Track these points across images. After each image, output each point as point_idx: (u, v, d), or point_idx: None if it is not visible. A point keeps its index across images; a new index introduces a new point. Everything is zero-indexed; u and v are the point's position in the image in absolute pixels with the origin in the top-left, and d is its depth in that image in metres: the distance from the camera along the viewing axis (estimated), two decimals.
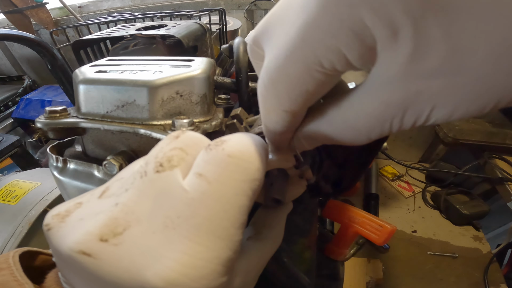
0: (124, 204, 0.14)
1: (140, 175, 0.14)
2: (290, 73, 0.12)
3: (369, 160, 0.27)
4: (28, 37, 0.64)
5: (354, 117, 0.13)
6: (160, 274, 0.12)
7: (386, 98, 0.11)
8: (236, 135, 0.16)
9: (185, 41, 0.43)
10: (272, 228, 0.20)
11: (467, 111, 0.10)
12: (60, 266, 0.15)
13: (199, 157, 0.15)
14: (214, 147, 0.14)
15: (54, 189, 0.67)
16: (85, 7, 1.41)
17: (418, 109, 0.11)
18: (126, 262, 0.12)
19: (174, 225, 0.13)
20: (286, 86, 0.13)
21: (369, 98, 0.12)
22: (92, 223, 0.13)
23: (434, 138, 1.30)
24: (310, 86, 0.12)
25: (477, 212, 1.07)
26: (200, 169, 0.14)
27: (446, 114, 0.10)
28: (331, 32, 0.10)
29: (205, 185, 0.13)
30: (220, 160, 0.14)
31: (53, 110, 0.28)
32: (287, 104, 0.14)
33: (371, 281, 0.94)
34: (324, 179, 0.28)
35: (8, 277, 0.15)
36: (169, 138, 0.16)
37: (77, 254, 0.12)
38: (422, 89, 0.10)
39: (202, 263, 0.12)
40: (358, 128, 0.13)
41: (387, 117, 0.11)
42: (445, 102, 0.10)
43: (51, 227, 0.14)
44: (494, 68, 0.09)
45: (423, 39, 0.09)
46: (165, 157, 0.14)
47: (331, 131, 0.14)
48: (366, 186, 1.23)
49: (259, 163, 0.15)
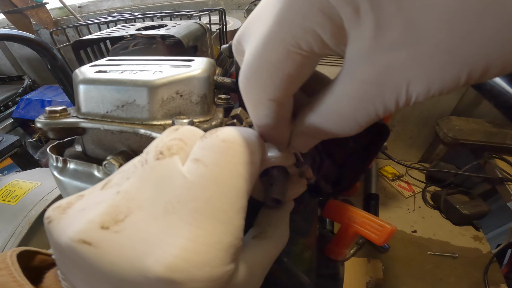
0: (126, 192, 0.14)
1: (141, 163, 0.15)
2: (270, 58, 0.13)
3: (369, 160, 0.27)
4: (28, 37, 0.64)
5: (337, 102, 0.13)
6: (162, 261, 0.11)
7: (361, 75, 0.12)
8: (228, 126, 0.16)
9: (185, 41, 0.43)
10: (277, 227, 0.20)
11: (443, 83, 0.10)
12: (59, 261, 0.15)
13: (195, 146, 0.15)
14: (208, 135, 0.15)
15: (54, 189, 0.67)
16: (85, 7, 1.41)
17: (395, 85, 0.11)
18: (127, 249, 0.12)
19: (175, 210, 0.13)
20: (268, 72, 0.13)
21: (347, 79, 0.12)
22: (94, 212, 0.13)
23: (434, 138, 1.30)
24: (291, 69, 0.13)
25: (477, 212, 1.07)
26: (196, 155, 0.14)
27: (424, 88, 0.11)
28: (304, 14, 0.11)
29: (202, 169, 0.14)
30: (214, 145, 0.14)
31: (53, 110, 0.28)
32: (271, 91, 0.14)
33: (371, 281, 0.94)
34: (324, 179, 0.28)
35: (7, 278, 0.15)
36: (169, 131, 0.16)
37: (77, 244, 0.12)
38: (391, 62, 0.11)
39: (203, 248, 0.12)
40: (343, 113, 0.13)
41: (368, 96, 0.12)
42: (417, 75, 0.10)
43: (52, 219, 0.13)
44: (450, 35, 0.09)
45: (381, 13, 0.10)
46: (165, 146, 0.15)
47: (320, 122, 0.15)
48: (366, 186, 1.24)
49: (253, 146, 0.15)
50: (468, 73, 0.10)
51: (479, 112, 1.20)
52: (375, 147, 0.26)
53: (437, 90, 0.11)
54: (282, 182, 0.20)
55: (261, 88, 0.14)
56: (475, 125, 1.13)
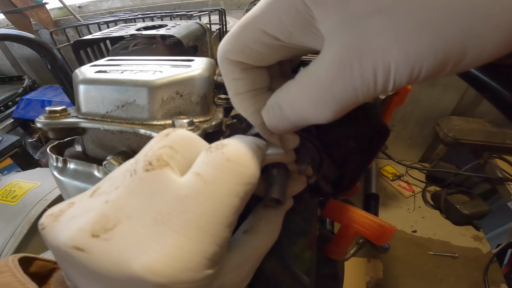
0: (114, 202, 0.14)
1: (130, 173, 0.15)
2: (244, 40, 0.14)
3: (369, 160, 0.27)
4: (28, 37, 0.64)
5: (316, 67, 0.13)
6: (146, 266, 0.12)
7: (341, 41, 0.12)
8: (235, 139, 0.16)
9: (185, 41, 0.43)
10: (268, 222, 0.20)
11: (420, 54, 0.11)
12: (59, 262, 0.15)
13: (199, 158, 0.15)
14: (214, 150, 0.15)
15: (54, 189, 0.67)
16: (85, 7, 1.41)
17: (371, 51, 0.11)
18: (115, 255, 0.12)
19: (164, 220, 0.13)
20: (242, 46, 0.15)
21: (327, 48, 0.13)
22: (84, 220, 0.13)
23: (434, 138, 1.30)
24: (257, 47, 0.15)
25: (477, 212, 1.07)
26: (198, 169, 0.14)
27: (400, 56, 0.11)
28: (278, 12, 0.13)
29: (201, 184, 0.14)
30: (218, 163, 0.14)
31: (53, 110, 0.28)
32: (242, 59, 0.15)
33: (371, 281, 0.94)
34: (324, 179, 0.28)
35: (10, 278, 0.16)
36: (159, 136, 0.16)
37: (71, 249, 0.13)
38: (366, 29, 0.11)
39: (188, 256, 0.13)
40: (321, 81, 0.13)
41: (346, 61, 0.12)
42: (391, 40, 0.11)
43: (45, 226, 0.14)
44: (409, 1, 0.10)
45: None
46: (154, 156, 0.15)
47: (296, 93, 0.15)
48: (366, 186, 1.24)
49: (255, 168, 0.16)
50: (444, 46, 0.10)
51: (479, 112, 1.20)
52: (375, 147, 0.26)
53: (416, 62, 0.11)
54: (282, 182, 0.20)
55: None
56: (475, 125, 1.13)
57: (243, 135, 0.18)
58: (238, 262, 0.17)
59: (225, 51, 0.15)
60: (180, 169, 0.15)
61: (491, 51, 0.10)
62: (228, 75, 0.16)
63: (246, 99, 0.17)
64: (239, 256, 0.17)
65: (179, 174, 0.15)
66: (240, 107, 0.17)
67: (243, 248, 0.18)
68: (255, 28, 0.14)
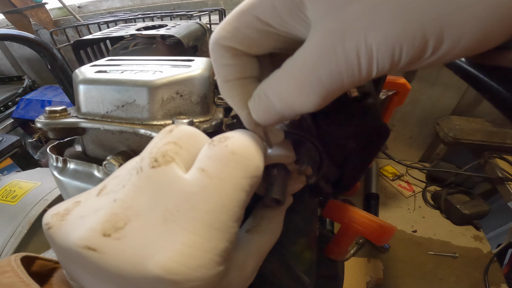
0: (122, 200, 0.14)
1: (136, 171, 0.15)
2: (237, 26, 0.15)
3: (369, 160, 0.27)
4: (28, 37, 0.64)
5: (302, 52, 0.13)
6: (161, 264, 0.12)
7: (325, 26, 0.12)
8: (238, 132, 0.16)
9: (185, 41, 0.43)
10: (270, 221, 0.20)
11: (399, 37, 0.11)
12: (64, 263, 0.15)
13: (202, 151, 0.15)
14: (217, 143, 0.15)
15: (54, 189, 0.67)
16: (84, 7, 1.41)
17: (353, 33, 0.12)
18: (128, 254, 0.13)
19: (174, 218, 0.13)
20: None
21: (312, 34, 0.13)
22: (94, 220, 0.13)
23: (435, 138, 1.30)
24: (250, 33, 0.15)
25: (477, 212, 1.07)
26: (202, 164, 0.14)
27: (381, 38, 0.11)
28: None
29: (206, 180, 0.14)
30: (222, 157, 0.14)
31: (53, 110, 0.28)
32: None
33: (371, 281, 0.94)
34: (324, 179, 0.28)
35: (14, 279, 0.16)
36: (163, 133, 0.16)
37: (83, 250, 0.13)
38: (348, 14, 0.12)
39: (200, 253, 0.13)
40: (306, 65, 0.13)
41: (330, 43, 0.12)
42: (371, 22, 0.11)
43: (51, 226, 0.14)
44: None
45: None
46: (159, 152, 0.15)
47: (282, 77, 0.15)
48: (366, 186, 1.23)
49: (259, 161, 0.15)
50: (421, 29, 0.11)
51: (480, 112, 1.20)
52: (375, 147, 0.26)
53: (396, 44, 0.11)
54: (282, 182, 0.20)
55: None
56: (475, 124, 1.13)
57: (244, 129, 0.18)
58: (242, 260, 0.17)
59: (218, 36, 0.15)
60: (185, 165, 0.15)
61: (468, 41, 0.11)
62: (218, 60, 0.16)
63: (235, 87, 0.17)
64: (243, 254, 0.17)
65: (185, 169, 0.15)
66: (228, 95, 0.17)
67: (247, 246, 0.18)
68: (248, 14, 0.14)
